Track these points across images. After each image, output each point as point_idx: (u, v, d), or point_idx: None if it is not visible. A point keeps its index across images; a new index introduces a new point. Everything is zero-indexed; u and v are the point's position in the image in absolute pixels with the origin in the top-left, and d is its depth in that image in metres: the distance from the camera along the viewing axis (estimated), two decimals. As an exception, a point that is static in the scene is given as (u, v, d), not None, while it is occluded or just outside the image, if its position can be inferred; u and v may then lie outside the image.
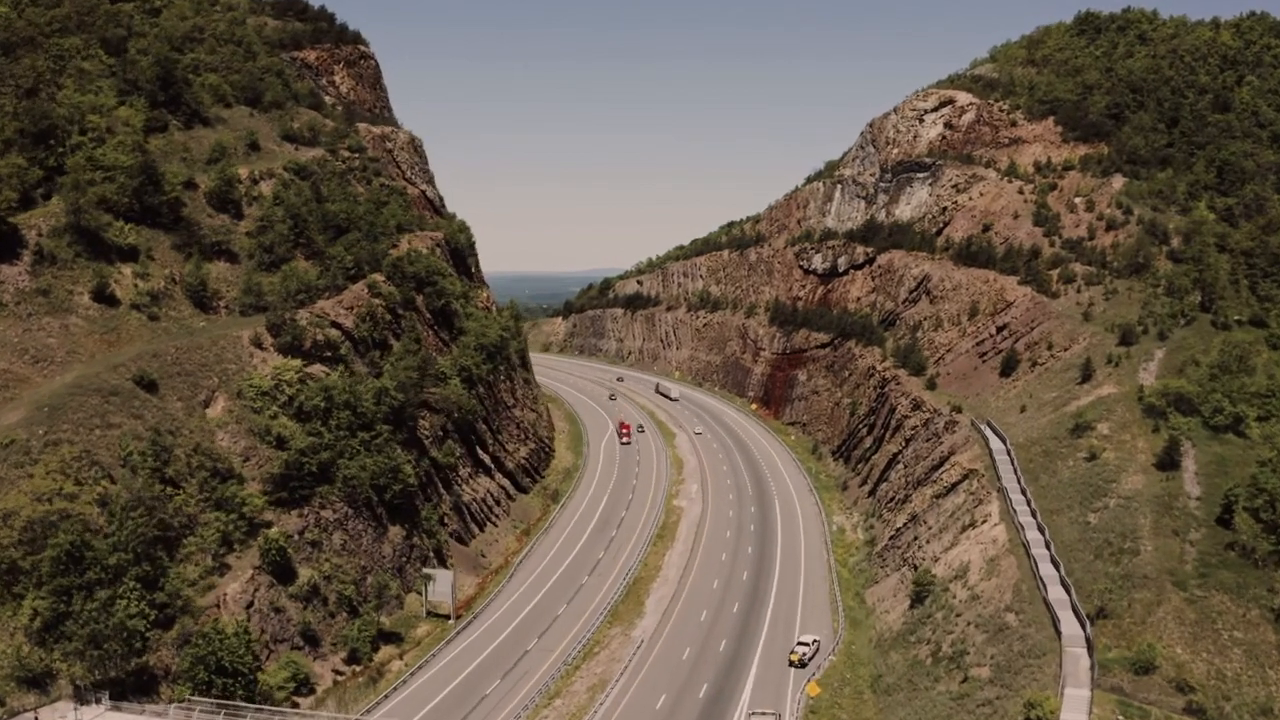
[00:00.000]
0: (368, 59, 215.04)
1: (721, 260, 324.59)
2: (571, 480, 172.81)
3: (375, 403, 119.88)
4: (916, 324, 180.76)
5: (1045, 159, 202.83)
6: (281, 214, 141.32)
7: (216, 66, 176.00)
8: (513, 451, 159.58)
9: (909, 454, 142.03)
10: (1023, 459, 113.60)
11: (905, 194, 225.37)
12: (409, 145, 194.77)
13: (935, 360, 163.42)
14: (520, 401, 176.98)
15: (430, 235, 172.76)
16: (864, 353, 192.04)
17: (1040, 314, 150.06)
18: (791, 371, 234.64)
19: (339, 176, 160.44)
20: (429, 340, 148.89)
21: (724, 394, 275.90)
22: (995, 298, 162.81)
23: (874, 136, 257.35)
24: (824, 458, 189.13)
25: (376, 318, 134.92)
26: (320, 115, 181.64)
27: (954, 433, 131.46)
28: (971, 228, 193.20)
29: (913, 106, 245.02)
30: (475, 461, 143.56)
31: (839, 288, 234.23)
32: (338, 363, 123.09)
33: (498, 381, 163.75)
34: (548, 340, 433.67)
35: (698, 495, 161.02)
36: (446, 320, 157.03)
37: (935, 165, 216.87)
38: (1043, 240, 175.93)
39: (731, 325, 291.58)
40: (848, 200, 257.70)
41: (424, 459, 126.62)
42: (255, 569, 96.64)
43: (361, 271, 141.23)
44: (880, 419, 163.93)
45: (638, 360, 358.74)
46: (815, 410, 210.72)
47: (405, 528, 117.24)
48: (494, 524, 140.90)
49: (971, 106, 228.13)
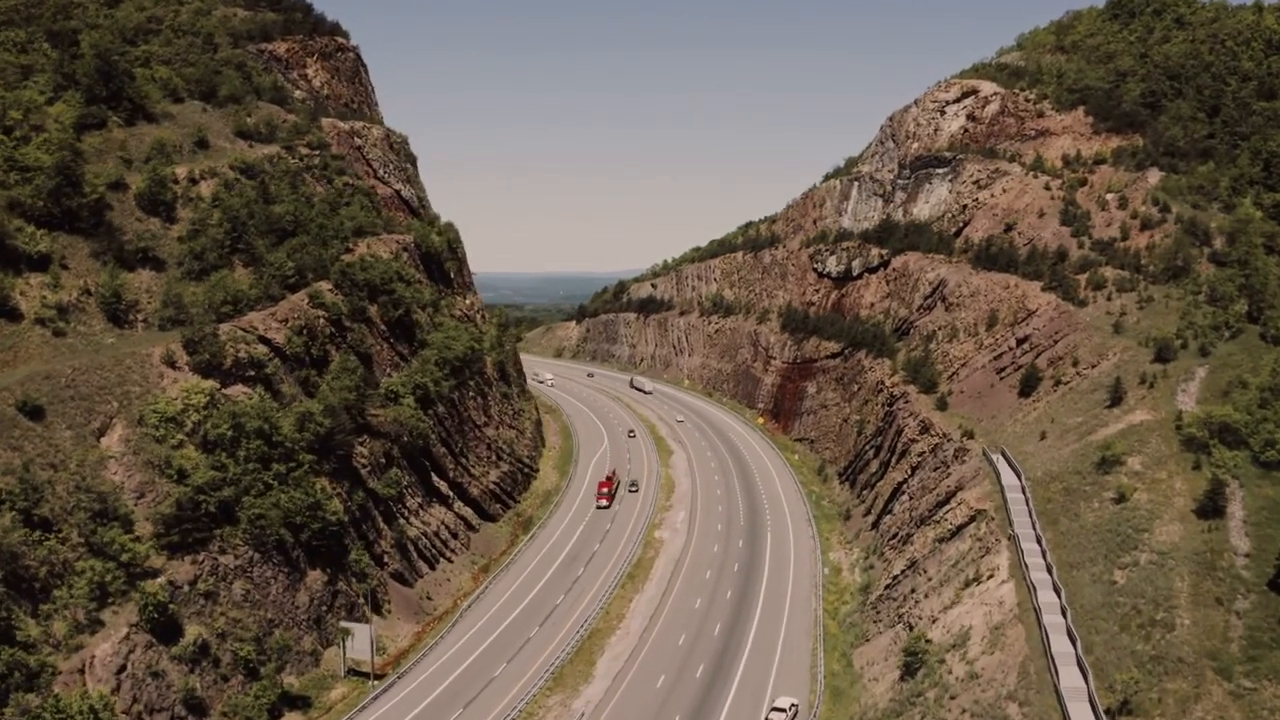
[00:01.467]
0: (345, 51, 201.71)
1: (735, 262, 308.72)
2: (549, 505, 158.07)
3: (298, 429, 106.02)
4: (930, 334, 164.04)
5: (1074, 152, 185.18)
6: (218, 217, 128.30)
7: (169, 59, 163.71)
8: (480, 476, 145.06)
9: (914, 484, 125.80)
10: (1040, 498, 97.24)
11: (924, 191, 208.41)
12: (383, 141, 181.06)
13: (948, 375, 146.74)
14: (495, 419, 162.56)
15: (396, 238, 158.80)
16: (873, 365, 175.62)
17: (1065, 325, 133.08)
18: (801, 383, 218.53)
19: (291, 176, 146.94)
20: (382, 355, 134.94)
21: (733, 405, 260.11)
22: (1016, 306, 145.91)
23: (894, 131, 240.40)
24: (829, 480, 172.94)
25: (315, 331, 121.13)
26: (283, 110, 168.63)
27: (963, 462, 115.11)
28: (993, 227, 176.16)
29: (934, 98, 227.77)
30: (428, 490, 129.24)
31: (852, 292, 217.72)
32: (261, 383, 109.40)
33: (465, 398, 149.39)
34: (560, 345, 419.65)
35: (683, 525, 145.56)
36: (406, 332, 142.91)
37: (955, 160, 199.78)
38: (1070, 241, 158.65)
39: (743, 332, 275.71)
40: (864, 199, 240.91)
41: (358, 491, 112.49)
42: (132, 626, 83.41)
43: (305, 280, 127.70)
44: (887, 440, 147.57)
45: (649, 367, 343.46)
46: (824, 426, 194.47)
47: (328, 572, 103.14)
48: (448, 560, 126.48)
49: (996, 97, 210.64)
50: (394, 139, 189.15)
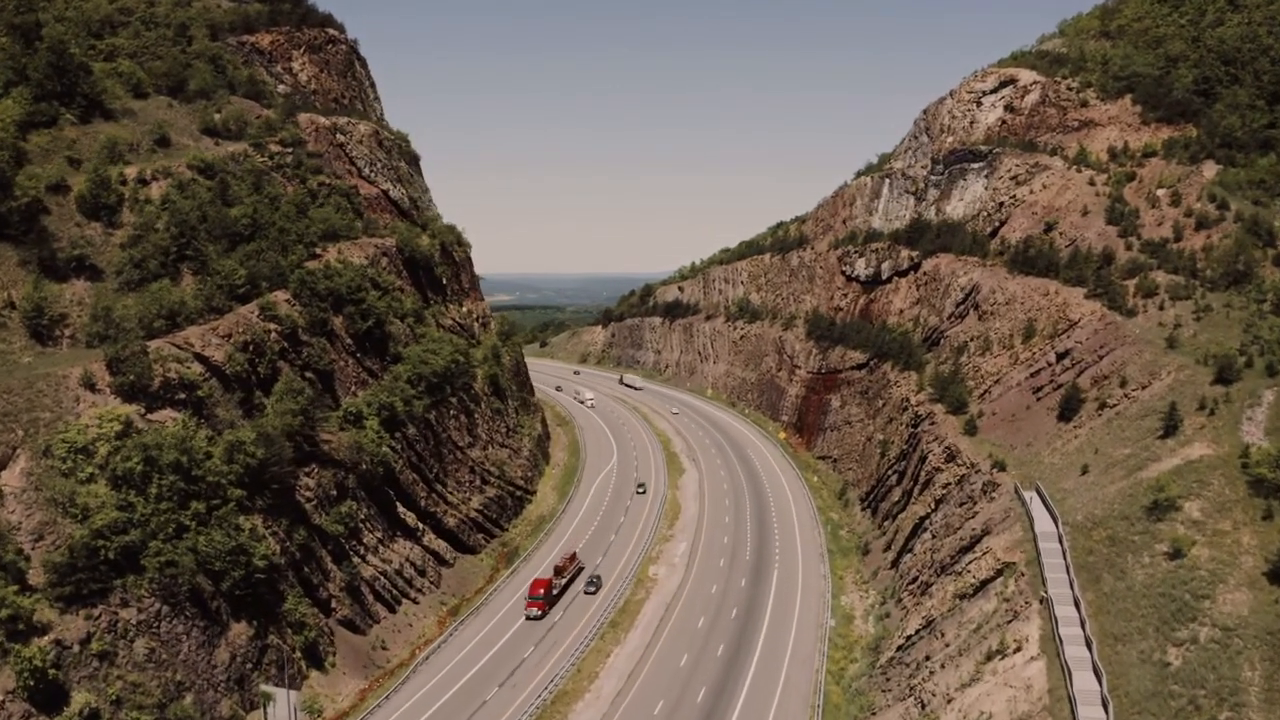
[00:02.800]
0: (337, 43, 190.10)
1: (763, 265, 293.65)
2: (540, 533, 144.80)
3: (226, 460, 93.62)
4: (961, 345, 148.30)
5: (1121, 144, 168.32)
6: (166, 220, 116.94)
7: (136, 53, 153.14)
8: (458, 504, 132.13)
9: (938, 520, 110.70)
10: (1079, 548, 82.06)
11: (957, 188, 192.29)
12: (370, 138, 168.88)
13: (979, 394, 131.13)
14: (483, 438, 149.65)
15: (375, 242, 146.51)
16: (899, 379, 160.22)
17: (1112, 338, 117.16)
18: (825, 396, 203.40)
19: (256, 175, 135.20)
20: (346, 371, 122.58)
21: (756, 417, 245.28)
22: (1056, 315, 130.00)
23: (928, 124, 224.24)
24: (850, 505, 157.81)
25: (263, 347, 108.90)
26: (259, 106, 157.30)
27: (992, 499, 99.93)
28: (1031, 227, 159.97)
29: (970, 89, 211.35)
30: (391, 523, 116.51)
31: (881, 297, 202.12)
32: (193, 407, 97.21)
33: (444, 417, 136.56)
34: (586, 350, 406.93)
35: (682, 560, 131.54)
36: (377, 345, 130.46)
37: (992, 154, 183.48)
38: (1117, 242, 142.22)
39: (769, 338, 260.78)
40: (896, 197, 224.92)
41: (299, 529, 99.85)
42: (7, 694, 71.72)
43: (258, 289, 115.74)
44: (910, 467, 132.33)
45: (674, 374, 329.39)
46: (847, 444, 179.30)
47: (255, 624, 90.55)
48: (412, 601, 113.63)
49: (1035, 86, 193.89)
50: (384, 136, 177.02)
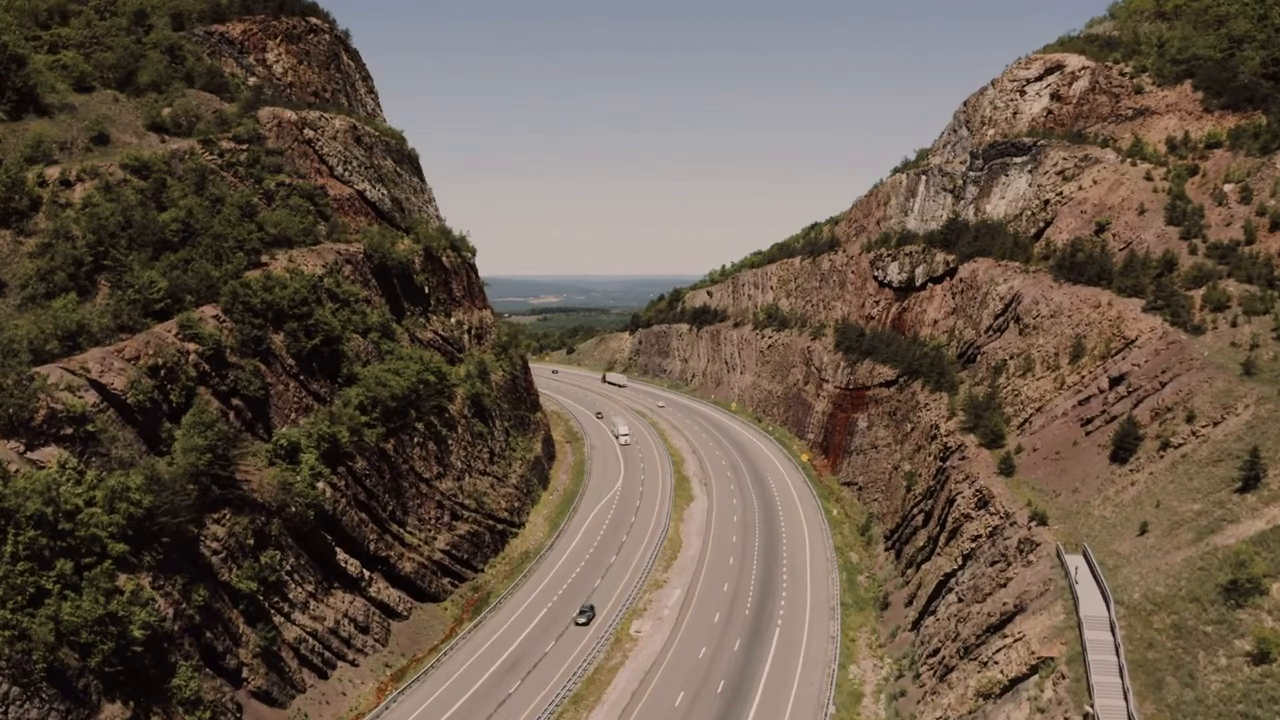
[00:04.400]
0: (318, 33, 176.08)
1: (793, 269, 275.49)
2: (520, 573, 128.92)
3: (108, 510, 78.80)
4: (999, 364, 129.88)
5: (1181, 134, 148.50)
6: (84, 226, 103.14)
7: (84, 43, 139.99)
8: (419, 545, 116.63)
9: (964, 581, 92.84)
10: (1137, 639, 64.25)
11: (998, 185, 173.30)
12: (345, 134, 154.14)
13: (1019, 424, 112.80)
14: (458, 467, 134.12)
15: (337, 248, 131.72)
16: (929, 401, 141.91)
17: (1175, 360, 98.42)
18: (852, 414, 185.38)
19: (200, 175, 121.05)
20: (286, 397, 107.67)
21: (781, 434, 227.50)
22: (1109, 332, 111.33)
23: (967, 117, 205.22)
24: (874, 542, 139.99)
25: (177, 371, 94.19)
26: (218, 99, 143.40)
27: (1029, 563, 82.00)
28: (1080, 228, 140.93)
29: (1013, 76, 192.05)
30: (328, 573, 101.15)
31: (914, 306, 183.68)
32: (81, 444, 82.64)
33: (406, 446, 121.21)
34: (613, 358, 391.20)
35: (672, 613, 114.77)
36: (327, 366, 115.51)
37: (1036, 147, 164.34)
38: (1179, 245, 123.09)
39: (796, 348, 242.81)
40: (932, 195, 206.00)
41: (200, 588, 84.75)
42: None
43: (182, 303, 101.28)
44: (937, 508, 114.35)
45: (700, 385, 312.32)
46: (873, 471, 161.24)
47: (134, 704, 75.31)
48: (350, 664, 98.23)
49: (1085, 72, 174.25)
50: (364, 132, 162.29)
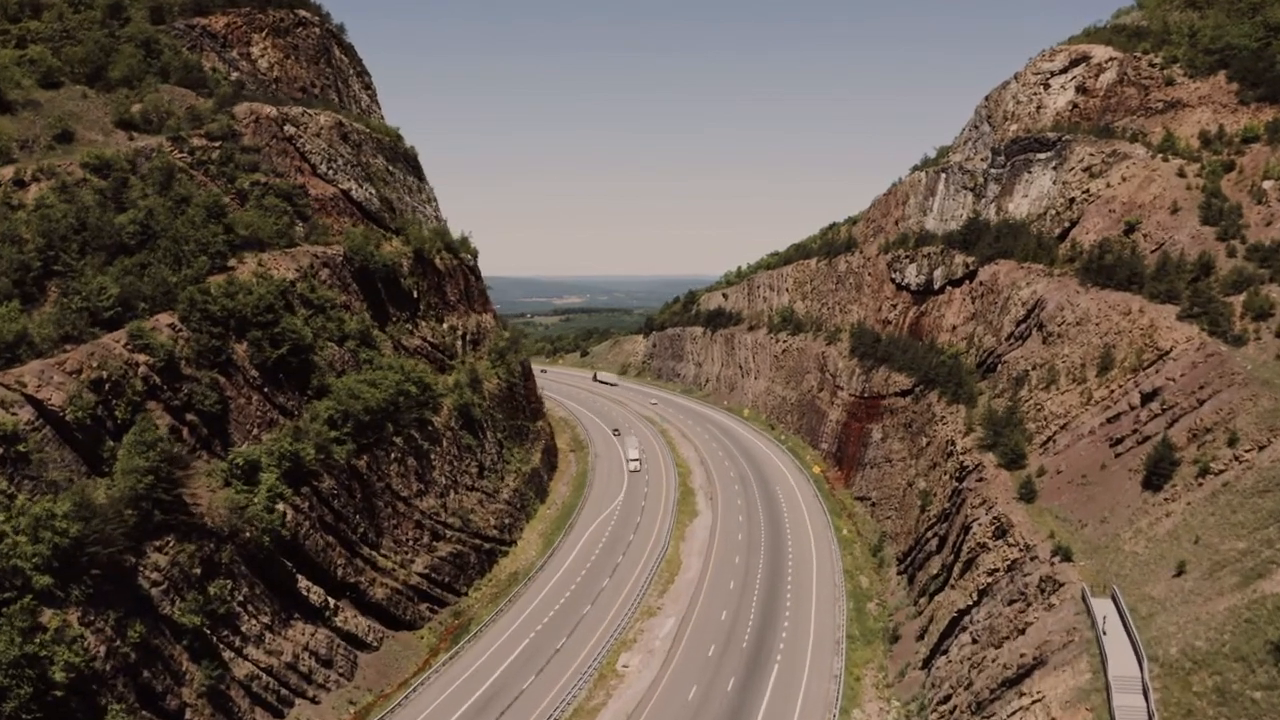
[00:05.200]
0: (308, 26, 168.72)
1: (809, 271, 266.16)
2: (506, 596, 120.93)
3: (32, 540, 71.43)
4: (1021, 375, 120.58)
5: (1215, 128, 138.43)
6: (35, 228, 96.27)
7: (54, 37, 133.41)
8: (394, 569, 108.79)
9: (979, 620, 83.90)
10: (1174, 705, 55.35)
11: (1021, 182, 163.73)
12: (330, 131, 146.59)
13: (1041, 443, 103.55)
14: (441, 484, 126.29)
15: (314, 251, 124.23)
16: (946, 414, 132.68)
17: (1215, 375, 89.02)
18: (867, 424, 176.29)
19: (166, 173, 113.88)
20: (248, 411, 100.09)
21: (795, 443, 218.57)
22: (1140, 341, 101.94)
23: (989, 112, 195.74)
24: (886, 565, 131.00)
25: (123, 385, 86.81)
26: (197, 95, 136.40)
27: (1051, 606, 73.01)
28: (1108, 228, 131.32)
29: (1036, 69, 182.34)
30: (287, 602, 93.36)
31: (932, 310, 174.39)
32: (12, 466, 75.43)
33: (382, 463, 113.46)
34: (626, 362, 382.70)
35: (663, 645, 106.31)
36: (295, 377, 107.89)
37: (1061, 142, 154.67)
38: (1216, 247, 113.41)
39: (811, 353, 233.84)
40: (952, 193, 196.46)
41: (137, 623, 77.14)
42: None
43: (134, 311, 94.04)
44: (952, 534, 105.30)
45: (714, 389, 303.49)
46: (887, 486, 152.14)
47: (52, 760, 68.20)
48: (311, 700, 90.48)
49: (1112, 63, 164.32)
50: (351, 129, 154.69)
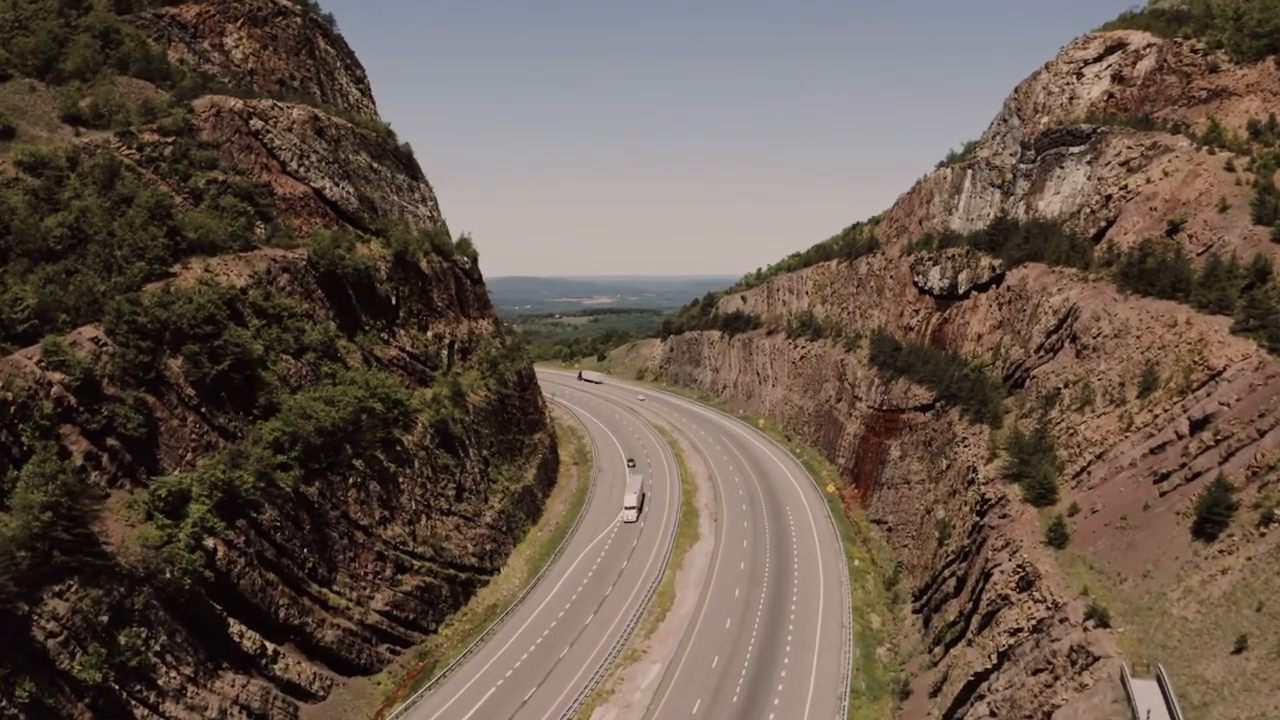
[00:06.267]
0: (288, 16, 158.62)
1: (829, 273, 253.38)
2: (478, 635, 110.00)
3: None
4: (1052, 393, 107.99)
5: (1266, 117, 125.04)
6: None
7: (5, 27, 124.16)
8: (347, 608, 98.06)
9: (999, 689, 71.71)
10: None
11: (1052, 178, 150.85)
12: (304, 126, 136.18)
13: (1075, 474, 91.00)
14: (410, 510, 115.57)
15: (273, 255, 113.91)
16: (968, 434, 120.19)
17: (1278, 399, 76.29)
18: (885, 440, 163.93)
19: (110, 171, 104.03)
20: (182, 435, 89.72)
21: (811, 456, 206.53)
22: (1189, 359, 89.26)
23: (1019, 104, 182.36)
24: (900, 601, 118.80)
25: (29, 409, 76.69)
26: (157, 87, 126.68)
27: (1083, 687, 60.82)
28: (1149, 227, 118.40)
29: (1069, 58, 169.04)
30: (217, 650, 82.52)
31: (956, 316, 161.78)
32: None
33: (338, 489, 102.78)
34: (643, 367, 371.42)
35: (644, 699, 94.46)
36: (241, 394, 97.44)
37: (1096, 134, 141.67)
38: (1272, 249, 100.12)
39: (829, 361, 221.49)
40: (979, 191, 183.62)
41: (27, 681, 66.67)
42: None
43: (54, 323, 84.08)
44: (972, 576, 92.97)
45: (731, 396, 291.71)
46: (904, 510, 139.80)
47: None
48: (239, 767, 79.93)
49: (1150, 50, 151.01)
50: (329, 124, 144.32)
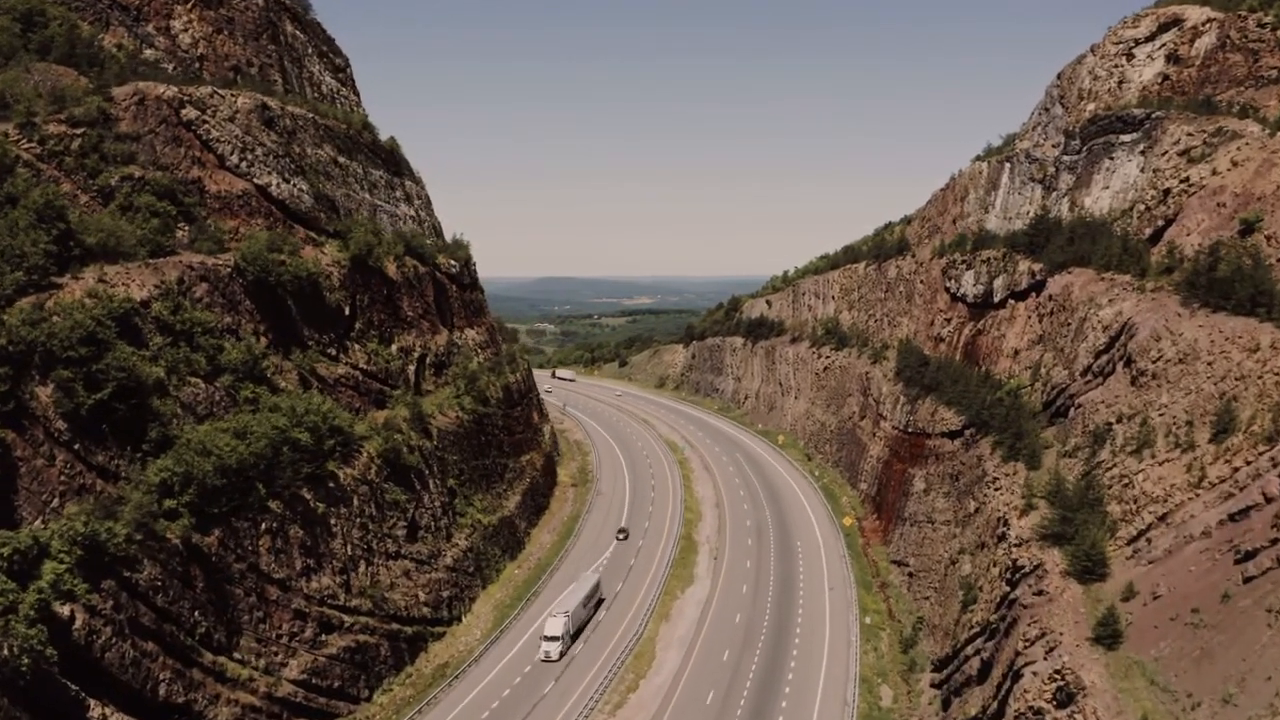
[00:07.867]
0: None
1: (856, 276, 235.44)
2: (420, 702, 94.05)
3: None
4: (1102, 429, 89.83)
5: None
6: None
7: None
8: (251, 679, 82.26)
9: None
10: None
11: (1100, 170, 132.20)
12: (249, 116, 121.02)
13: (1131, 538, 72.93)
14: (343, 557, 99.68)
15: (190, 262, 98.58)
16: (999, 474, 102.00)
17: (1406, 454, 58.16)
18: (910, 468, 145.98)
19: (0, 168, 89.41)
20: (47, 477, 74.33)
21: (831, 478, 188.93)
22: (1277, 394, 71.10)
23: (1062, 92, 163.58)
24: (918, 668, 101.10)
25: None
26: (81, 74, 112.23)
27: None
28: (1217, 226, 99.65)
29: (1117, 38, 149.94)
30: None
31: (991, 328, 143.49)
32: None
33: (245, 538, 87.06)
34: (665, 374, 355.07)
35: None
36: (128, 427, 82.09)
37: (1151, 120, 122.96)
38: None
39: (854, 373, 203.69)
40: (1018, 186, 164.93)
41: None
42: None
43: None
44: (999, 666, 75.19)
45: (753, 408, 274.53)
46: (927, 555, 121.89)
47: None
48: None
49: (1210, 25, 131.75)
50: (281, 113, 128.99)
